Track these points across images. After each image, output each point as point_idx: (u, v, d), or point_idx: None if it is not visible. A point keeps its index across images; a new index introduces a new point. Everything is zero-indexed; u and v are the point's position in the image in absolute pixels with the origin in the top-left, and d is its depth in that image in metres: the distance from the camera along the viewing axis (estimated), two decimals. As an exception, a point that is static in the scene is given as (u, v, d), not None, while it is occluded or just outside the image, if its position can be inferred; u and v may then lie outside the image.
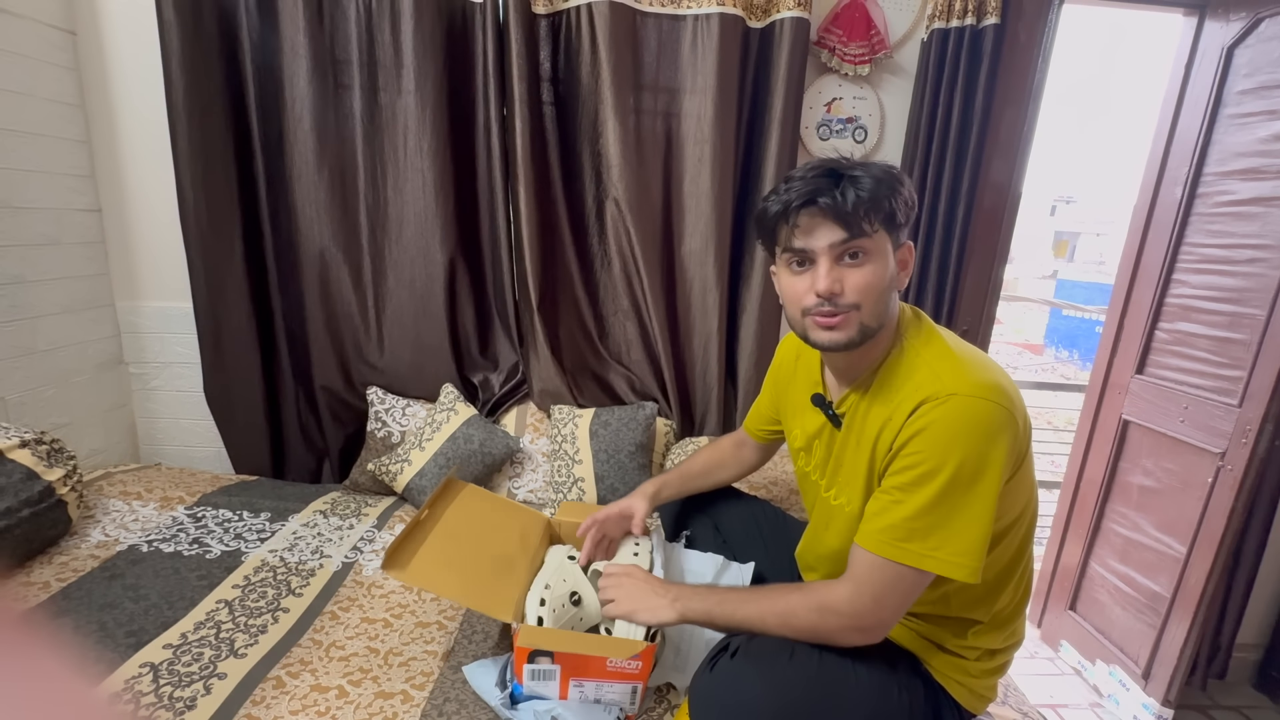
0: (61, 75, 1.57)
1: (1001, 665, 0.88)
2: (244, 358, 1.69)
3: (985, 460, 0.69)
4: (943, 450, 0.70)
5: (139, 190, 1.68)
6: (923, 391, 0.72)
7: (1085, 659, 1.84)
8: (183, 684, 0.93)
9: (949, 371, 0.73)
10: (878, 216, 0.73)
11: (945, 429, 0.70)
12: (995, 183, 1.72)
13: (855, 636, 0.77)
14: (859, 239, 0.73)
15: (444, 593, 0.99)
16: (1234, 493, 1.47)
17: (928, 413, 0.71)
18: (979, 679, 0.85)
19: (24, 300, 1.50)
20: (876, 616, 0.75)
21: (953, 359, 0.76)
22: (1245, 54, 1.52)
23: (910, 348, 0.79)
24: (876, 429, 0.78)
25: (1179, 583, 1.58)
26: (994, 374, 0.74)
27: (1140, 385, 1.73)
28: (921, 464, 0.71)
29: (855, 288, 0.74)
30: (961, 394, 0.70)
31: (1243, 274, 1.49)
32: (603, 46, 1.57)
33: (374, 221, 1.67)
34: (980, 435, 0.69)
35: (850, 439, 0.83)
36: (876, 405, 0.79)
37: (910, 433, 0.72)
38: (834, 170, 0.74)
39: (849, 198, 0.71)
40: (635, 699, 0.91)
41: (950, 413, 0.70)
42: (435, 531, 1.05)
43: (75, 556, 1.22)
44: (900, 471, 0.73)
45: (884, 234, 0.75)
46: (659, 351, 1.77)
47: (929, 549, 0.71)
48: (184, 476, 1.61)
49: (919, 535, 0.71)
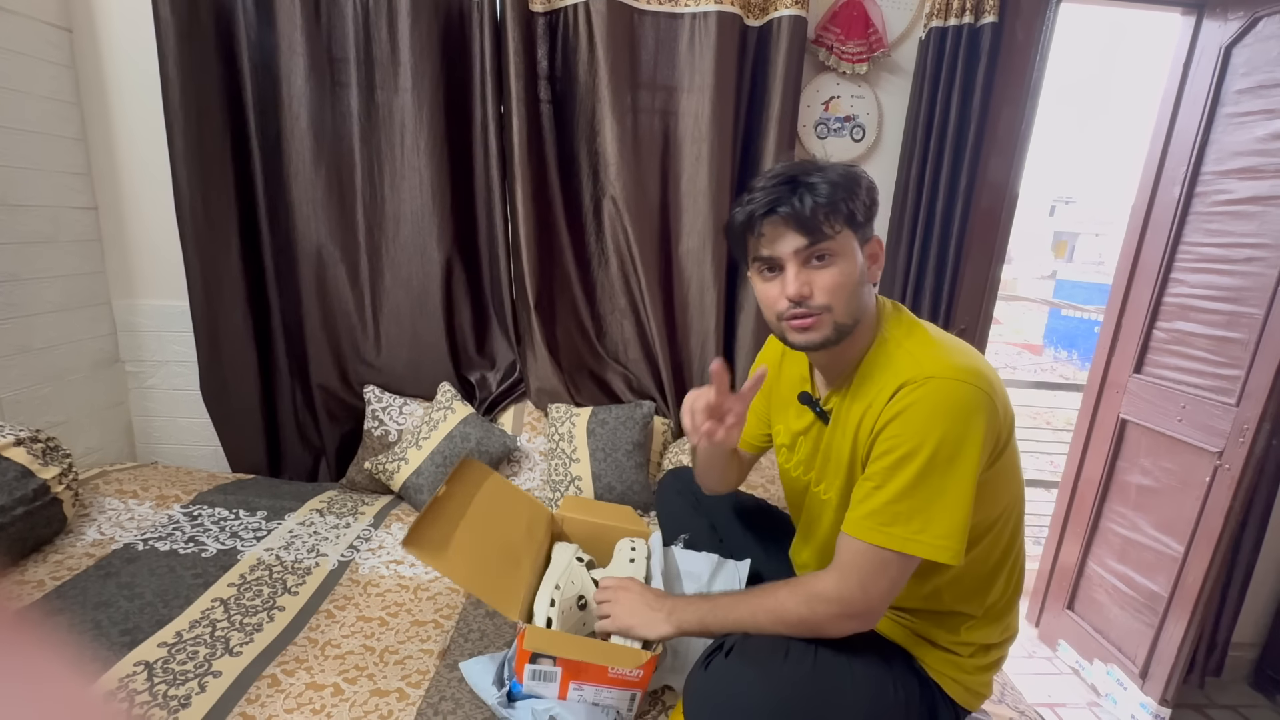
0: (58, 72, 1.56)
1: (996, 661, 0.88)
2: (240, 356, 1.68)
3: (963, 441, 0.70)
4: (920, 432, 0.71)
5: (135, 188, 1.67)
6: (901, 376, 0.74)
7: (1083, 658, 1.84)
8: (177, 682, 0.93)
9: (927, 357, 0.75)
10: (837, 219, 0.75)
11: (922, 411, 0.71)
12: (993, 182, 1.72)
13: (846, 624, 0.77)
14: (822, 242, 0.75)
15: (457, 578, 0.98)
16: (1231, 492, 1.47)
17: (905, 396, 0.72)
18: (973, 675, 0.85)
19: (20, 298, 1.50)
20: (865, 603, 0.75)
21: (932, 345, 0.77)
22: (1243, 53, 1.52)
23: (891, 339, 0.80)
24: (858, 418, 0.79)
25: (1176, 582, 1.58)
26: (972, 359, 0.76)
27: (1138, 384, 1.73)
28: (899, 447, 0.72)
29: (824, 289, 0.76)
30: (939, 376, 0.72)
31: (1240, 273, 1.49)
32: (600, 45, 1.56)
33: (371, 220, 1.67)
34: (957, 416, 0.70)
35: (837, 433, 0.84)
36: (859, 397, 0.80)
37: (889, 416, 0.73)
38: (792, 178, 0.75)
39: (807, 204, 0.74)
40: (633, 705, 0.91)
41: (928, 395, 0.71)
42: (460, 517, 1.04)
43: (70, 555, 1.21)
44: (880, 457, 0.74)
45: (848, 233, 0.76)
46: (656, 350, 1.77)
47: (912, 532, 0.72)
48: (180, 475, 1.61)
49: (902, 519, 0.72)
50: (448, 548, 0.98)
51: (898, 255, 1.75)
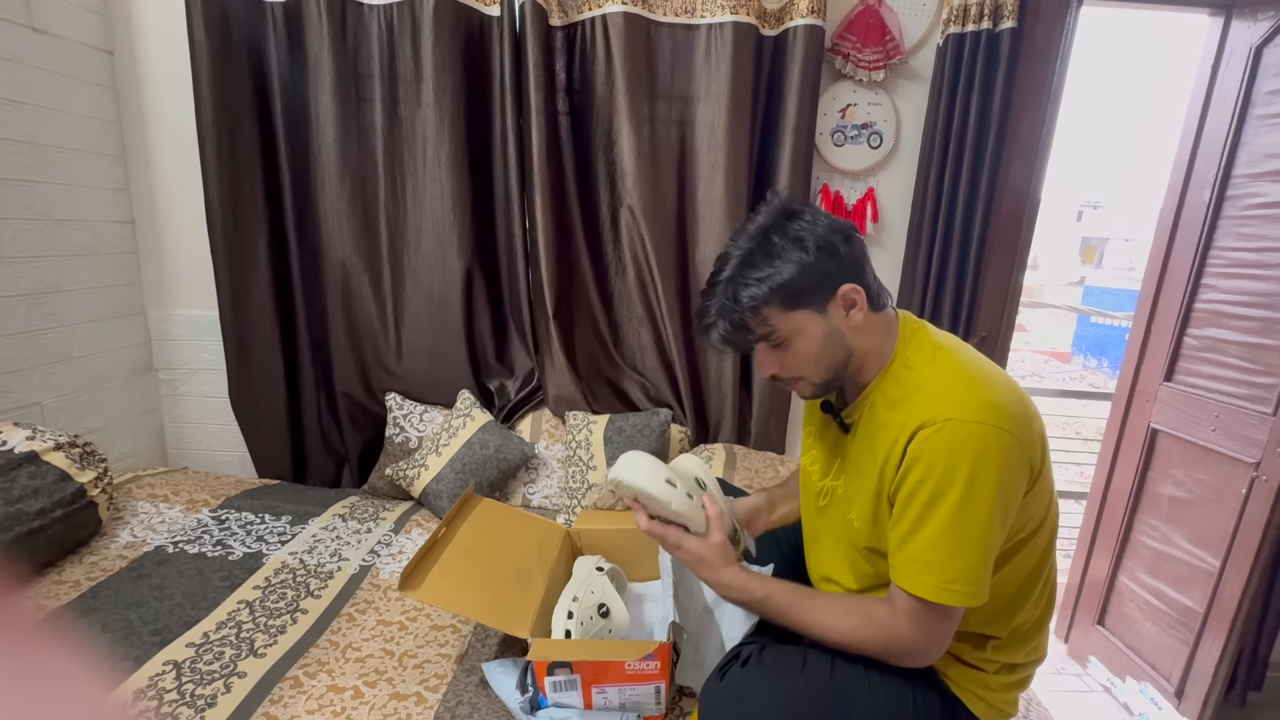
0: (99, 93, 1.63)
1: (1022, 680, 0.86)
2: (268, 364, 1.73)
3: (980, 484, 0.69)
4: (941, 479, 0.70)
5: (170, 202, 1.74)
6: (921, 415, 0.72)
7: (1115, 675, 1.78)
8: (204, 682, 0.95)
9: (948, 393, 0.73)
10: (758, 326, 0.76)
11: (941, 456, 0.70)
12: (1014, 187, 1.70)
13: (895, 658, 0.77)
14: (760, 343, 0.78)
15: (459, 610, 1.00)
16: (1270, 504, 1.41)
17: (924, 439, 0.71)
18: (998, 692, 0.83)
19: (61, 308, 1.56)
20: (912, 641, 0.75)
21: (954, 377, 0.75)
22: (1274, 53, 1.49)
23: (914, 364, 0.78)
24: (884, 450, 0.77)
25: (1213, 597, 1.53)
26: (995, 392, 0.73)
27: (1169, 393, 1.68)
28: (920, 493, 0.72)
29: (789, 366, 0.80)
30: (957, 419, 0.70)
31: (1275, 278, 1.45)
32: (617, 56, 1.59)
33: (394, 231, 1.71)
34: (975, 460, 0.69)
35: (862, 447, 0.83)
36: (887, 415, 0.79)
37: (911, 460, 0.73)
38: (700, 315, 0.80)
39: (715, 339, 0.79)
40: (660, 699, 0.91)
41: (946, 440, 0.70)
42: (450, 549, 1.07)
43: (104, 556, 1.25)
44: (906, 500, 0.74)
45: (789, 315, 0.75)
46: (673, 358, 1.78)
47: (945, 581, 0.71)
48: (209, 480, 1.66)
49: (934, 567, 0.72)
50: (445, 582, 0.99)
51: (917, 262, 1.74)
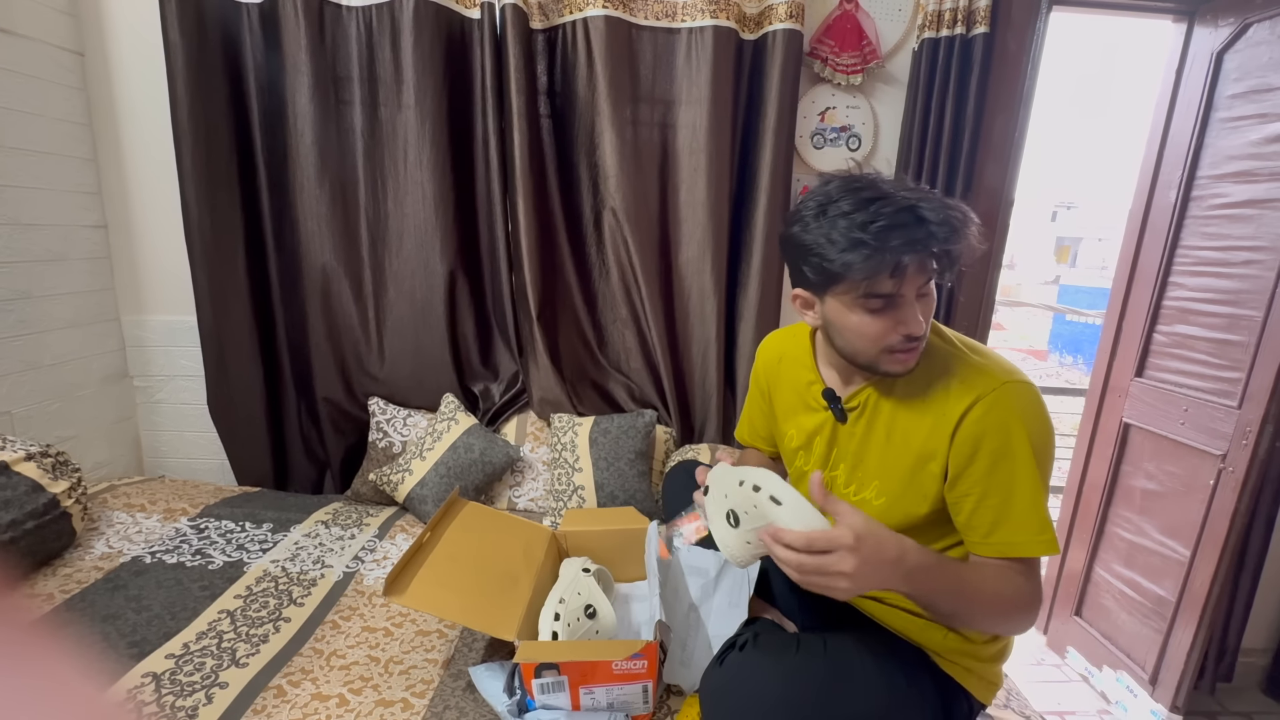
0: (70, 95, 1.60)
1: (1005, 649, 0.89)
2: (247, 370, 1.70)
3: (1036, 438, 0.74)
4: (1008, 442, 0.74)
5: (143, 206, 1.71)
6: (972, 392, 0.75)
7: (1092, 665, 1.82)
8: (185, 693, 0.93)
9: (976, 367, 0.78)
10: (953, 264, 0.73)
11: (1003, 423, 0.74)
12: (989, 188, 1.73)
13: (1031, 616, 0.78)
14: (943, 275, 0.75)
15: (444, 614, 1.00)
16: (1236, 494, 1.46)
17: (986, 411, 0.74)
18: (986, 664, 0.86)
19: (31, 315, 1.53)
20: (1040, 600, 0.78)
21: (977, 352, 0.81)
22: (1235, 59, 1.54)
23: (933, 343, 0.82)
24: (923, 431, 0.78)
25: (1184, 586, 1.57)
26: (993, 353, 0.82)
27: (1140, 388, 1.73)
28: (1002, 462, 0.74)
29: (927, 320, 0.76)
30: (1009, 380, 0.75)
31: (1239, 276, 1.50)
32: (599, 60, 1.59)
33: (375, 234, 1.69)
34: (1024, 416, 0.74)
35: (876, 435, 0.83)
36: (910, 403, 0.80)
37: (976, 433, 0.75)
38: (913, 209, 0.68)
39: (942, 239, 0.68)
40: (648, 698, 0.92)
41: (1000, 408, 0.74)
42: (434, 554, 1.06)
43: (79, 568, 1.23)
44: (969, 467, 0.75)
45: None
46: (658, 359, 1.78)
47: (1032, 534, 0.75)
48: (187, 488, 1.63)
49: (1032, 526, 0.74)
50: (430, 587, 0.99)
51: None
